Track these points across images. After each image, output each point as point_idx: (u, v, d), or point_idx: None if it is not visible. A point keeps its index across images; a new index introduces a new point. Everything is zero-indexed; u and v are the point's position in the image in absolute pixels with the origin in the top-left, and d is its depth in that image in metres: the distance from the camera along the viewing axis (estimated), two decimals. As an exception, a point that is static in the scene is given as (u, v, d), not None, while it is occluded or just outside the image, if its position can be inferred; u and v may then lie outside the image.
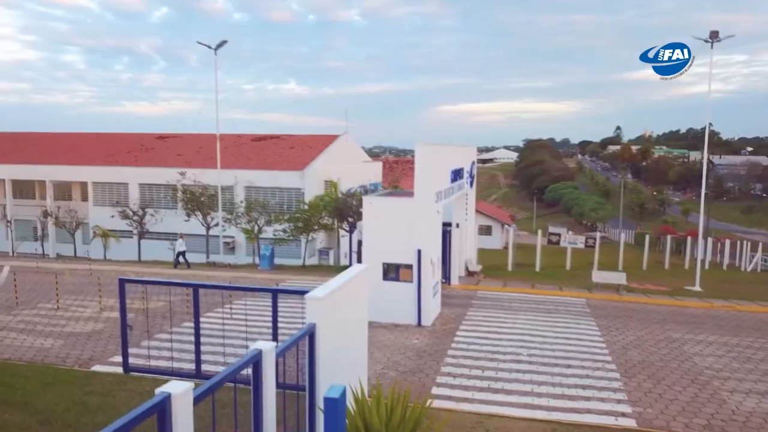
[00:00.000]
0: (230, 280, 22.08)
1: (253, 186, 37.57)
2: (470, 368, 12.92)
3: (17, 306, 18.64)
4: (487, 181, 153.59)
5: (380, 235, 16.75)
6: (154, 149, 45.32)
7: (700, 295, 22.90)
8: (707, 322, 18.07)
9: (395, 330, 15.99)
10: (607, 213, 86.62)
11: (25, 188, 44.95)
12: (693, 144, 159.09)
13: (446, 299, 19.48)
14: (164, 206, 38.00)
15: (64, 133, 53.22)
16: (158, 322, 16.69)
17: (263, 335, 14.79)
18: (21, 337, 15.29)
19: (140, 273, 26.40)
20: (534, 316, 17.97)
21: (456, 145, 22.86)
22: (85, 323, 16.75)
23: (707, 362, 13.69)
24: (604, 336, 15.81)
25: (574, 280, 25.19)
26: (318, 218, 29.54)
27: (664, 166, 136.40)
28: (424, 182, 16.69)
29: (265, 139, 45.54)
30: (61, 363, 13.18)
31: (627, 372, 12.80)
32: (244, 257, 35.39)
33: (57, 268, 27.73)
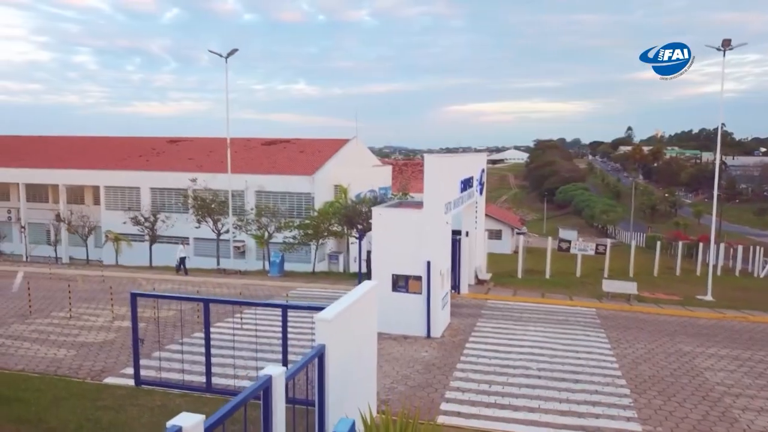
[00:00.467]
0: (240, 291, 22.20)
1: (263, 191, 37.71)
2: (479, 383, 12.92)
3: (31, 314, 18.86)
4: (498, 181, 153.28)
5: (390, 247, 16.77)
6: (165, 153, 45.61)
7: (712, 305, 22.72)
8: (719, 334, 17.94)
9: (404, 342, 16.01)
10: (618, 215, 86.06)
11: (38, 192, 45.41)
12: (705, 145, 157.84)
13: (456, 309, 19.48)
14: (175, 210, 38.26)
15: (76, 136, 53.73)
16: (169, 331, 16.83)
17: (273, 346, 14.91)
18: (34, 347, 15.47)
19: (151, 279, 26.64)
20: (544, 327, 17.91)
21: (465, 155, 22.83)
22: (97, 333, 16.92)
23: (718, 377, 13.60)
24: (614, 349, 15.75)
25: (585, 288, 25.07)
26: (327, 225, 29.62)
27: (676, 167, 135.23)
28: (434, 194, 16.69)
29: (276, 144, 45.71)
30: (74, 375, 13.33)
31: (637, 387, 12.74)
32: (254, 261, 35.55)
33: (70, 274, 28.02)
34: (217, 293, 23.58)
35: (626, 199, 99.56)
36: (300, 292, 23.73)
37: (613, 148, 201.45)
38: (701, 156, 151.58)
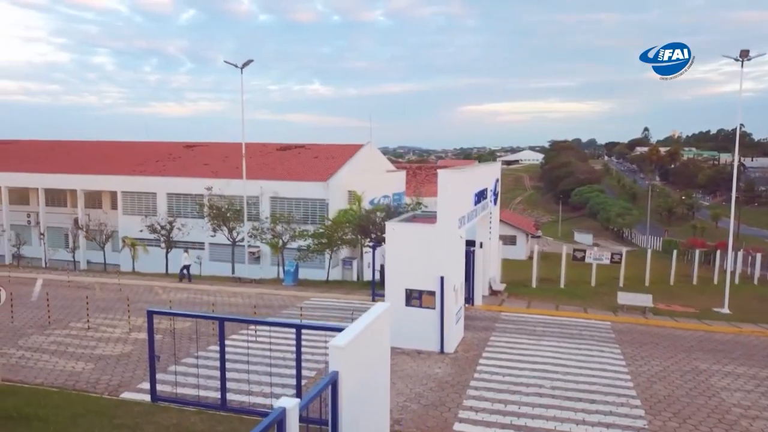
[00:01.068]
0: (255, 306, 22.35)
1: (278, 197, 37.95)
2: (492, 402, 12.92)
3: (50, 325, 19.18)
4: (512, 182, 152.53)
5: (403, 261, 16.80)
6: (182, 158, 46.04)
7: (729, 318, 22.46)
8: (736, 350, 17.74)
9: (418, 357, 16.04)
10: (634, 218, 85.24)
11: (57, 196, 46.11)
12: (723, 145, 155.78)
13: (469, 321, 19.46)
14: (191, 216, 38.63)
15: (95, 141, 54.48)
16: (185, 344, 17.03)
17: (287, 360, 15.03)
18: (53, 359, 15.74)
19: (167, 288, 26.93)
20: (558, 342, 17.83)
21: (479, 166, 22.78)
22: (114, 345, 17.16)
23: (735, 398, 13.46)
24: (629, 366, 15.64)
25: (599, 299, 24.90)
26: (341, 234, 29.73)
27: (694, 168, 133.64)
28: (447, 209, 16.68)
29: (290, 149, 45.92)
30: (92, 389, 13.54)
31: (652, 408, 12.66)
32: (269, 267, 35.77)
33: (87, 282, 28.42)
34: (231, 303, 23.80)
35: (642, 201, 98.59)
36: (314, 302, 23.86)
37: (629, 149, 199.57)
38: (719, 157, 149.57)
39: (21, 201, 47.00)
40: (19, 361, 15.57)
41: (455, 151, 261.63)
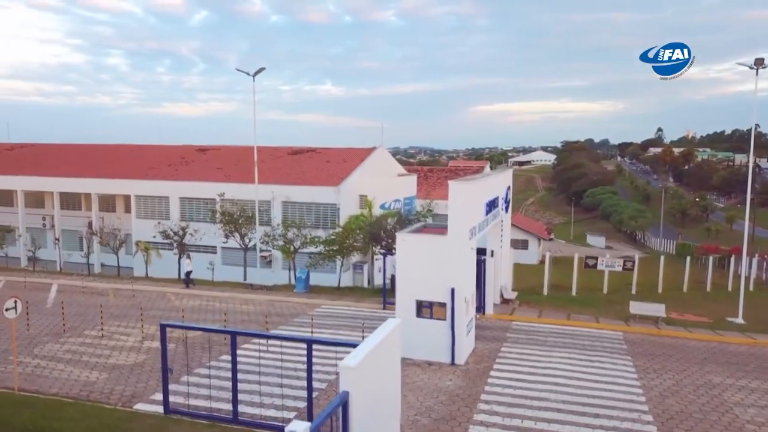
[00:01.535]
0: (266, 315, 22.47)
1: (289, 201, 38.09)
2: (503, 416, 12.90)
3: (64, 333, 19.41)
4: (524, 183, 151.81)
5: (414, 272, 16.81)
6: (195, 162, 46.33)
7: (743, 328, 22.21)
8: (750, 363, 17.56)
9: (428, 369, 16.05)
10: (647, 221, 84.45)
11: (71, 200, 46.61)
12: (738, 146, 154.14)
13: (480, 331, 19.43)
14: (204, 220, 38.88)
15: (109, 144, 54.99)
16: (197, 354, 17.15)
17: (298, 372, 15.12)
18: (68, 368, 15.93)
19: (180, 294, 27.15)
20: (569, 353, 17.75)
21: (490, 175, 22.73)
22: (128, 354, 17.32)
23: (749, 414, 13.34)
24: (641, 379, 15.54)
25: (611, 308, 24.72)
26: (352, 241, 29.79)
27: (708, 169, 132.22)
28: (458, 220, 16.67)
29: (302, 153, 46.07)
30: (105, 400, 13.70)
31: (664, 425, 12.59)
32: (281, 271, 35.89)
33: (101, 288, 28.72)
34: (243, 310, 23.95)
35: (656, 203, 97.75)
36: (324, 310, 23.94)
37: (642, 150, 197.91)
38: (734, 158, 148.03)
39: (36, 204, 47.59)
40: (35, 370, 15.79)
41: (467, 151, 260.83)
